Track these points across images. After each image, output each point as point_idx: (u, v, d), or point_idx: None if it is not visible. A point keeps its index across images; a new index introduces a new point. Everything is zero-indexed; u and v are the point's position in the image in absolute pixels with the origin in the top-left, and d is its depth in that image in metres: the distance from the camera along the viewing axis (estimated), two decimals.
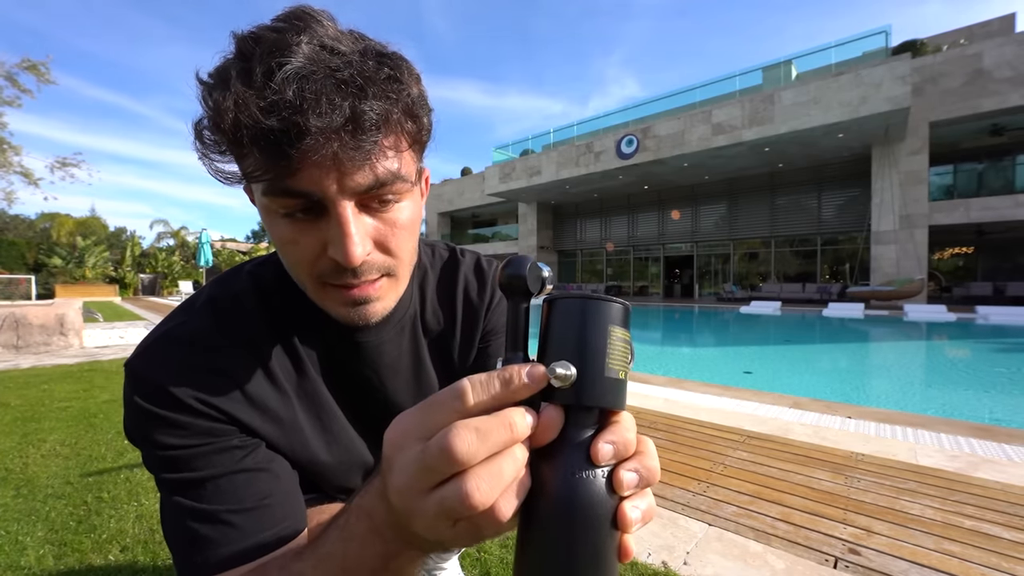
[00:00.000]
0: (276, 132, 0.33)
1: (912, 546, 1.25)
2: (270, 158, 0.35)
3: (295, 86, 0.33)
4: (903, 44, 14.97)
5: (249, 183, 0.39)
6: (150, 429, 0.43)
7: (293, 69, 0.33)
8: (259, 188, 0.38)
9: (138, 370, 0.44)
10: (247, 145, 0.34)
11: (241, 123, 0.33)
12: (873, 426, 2.32)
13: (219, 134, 0.35)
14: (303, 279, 0.43)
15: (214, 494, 0.42)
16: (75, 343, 5.05)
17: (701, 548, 1.24)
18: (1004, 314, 10.09)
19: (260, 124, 0.33)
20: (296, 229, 0.39)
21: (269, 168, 0.35)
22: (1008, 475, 1.70)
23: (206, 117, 0.35)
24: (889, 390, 4.52)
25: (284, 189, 0.36)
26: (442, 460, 0.23)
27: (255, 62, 0.34)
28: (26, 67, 11.46)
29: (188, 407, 0.43)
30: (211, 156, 0.37)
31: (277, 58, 0.34)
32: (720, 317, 12.32)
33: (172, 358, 0.44)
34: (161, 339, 0.45)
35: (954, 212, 13.22)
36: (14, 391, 2.97)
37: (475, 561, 1.17)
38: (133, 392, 0.44)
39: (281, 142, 0.34)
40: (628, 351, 0.28)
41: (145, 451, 0.45)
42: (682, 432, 2.18)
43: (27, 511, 1.42)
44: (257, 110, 0.33)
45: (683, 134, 14.65)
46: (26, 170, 12.57)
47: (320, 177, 0.36)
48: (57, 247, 22.69)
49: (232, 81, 0.34)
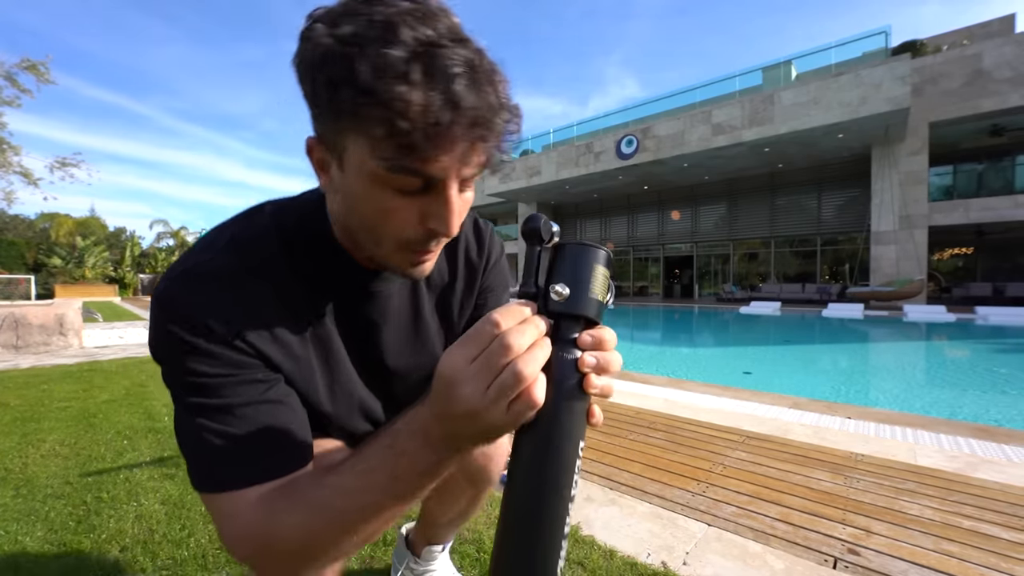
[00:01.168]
0: (443, 126, 0.36)
1: (911, 546, 1.25)
2: (428, 148, 0.37)
3: (463, 84, 0.36)
4: (903, 44, 14.99)
5: (379, 161, 0.39)
6: (182, 356, 0.46)
7: (460, 70, 0.36)
8: (379, 164, 0.39)
9: (172, 300, 0.46)
10: (412, 134, 0.36)
11: (425, 120, 0.35)
12: (873, 426, 2.33)
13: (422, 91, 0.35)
14: (382, 240, 0.46)
15: (240, 420, 0.46)
16: (74, 343, 5.05)
17: (700, 548, 1.24)
18: (1004, 315, 10.09)
19: (438, 123, 0.36)
20: (402, 203, 0.42)
21: (417, 153, 0.37)
22: (1007, 475, 1.70)
23: (394, 108, 0.35)
24: (889, 390, 4.52)
25: (415, 171, 0.39)
26: (501, 352, 0.32)
27: (424, 60, 0.36)
28: (25, 67, 11.46)
29: (221, 338, 0.46)
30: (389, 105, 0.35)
31: (444, 59, 0.36)
32: (720, 317, 12.32)
33: (204, 291, 0.47)
34: (191, 274, 0.47)
35: (954, 212, 13.23)
36: (13, 391, 2.97)
37: (474, 561, 1.17)
38: (167, 321, 0.46)
39: (441, 134, 0.36)
40: (607, 285, 0.38)
41: (171, 373, 0.47)
42: (682, 432, 2.19)
43: (26, 511, 1.42)
44: (437, 109, 0.35)
45: (683, 134, 14.65)
46: (26, 170, 12.57)
47: (450, 163, 0.39)
48: (57, 247, 22.70)
49: (411, 75, 0.35)
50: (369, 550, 1.21)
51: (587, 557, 1.18)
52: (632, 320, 11.89)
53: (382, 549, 1.22)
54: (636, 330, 10.08)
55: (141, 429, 2.20)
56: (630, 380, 3.53)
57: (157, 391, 2.97)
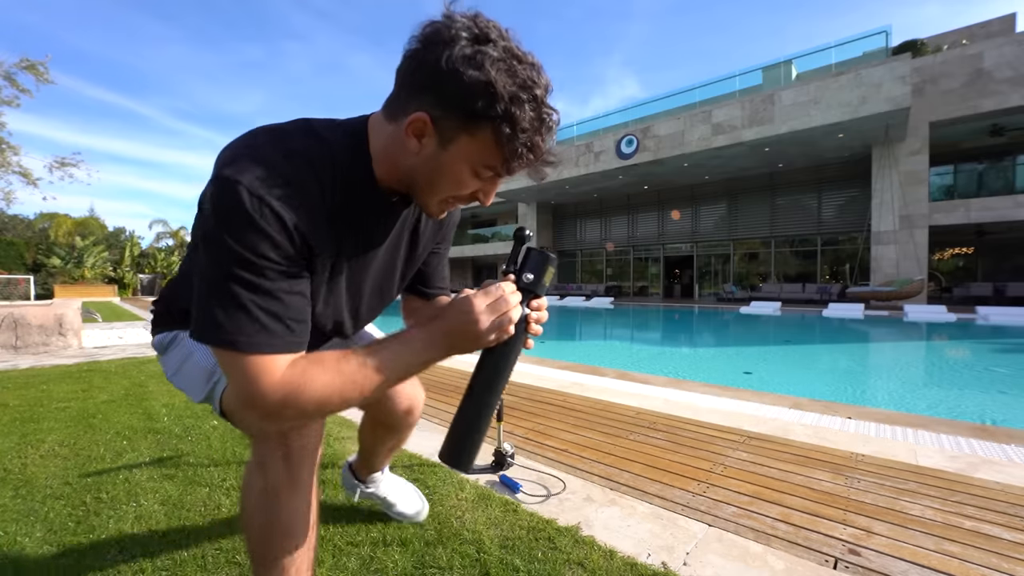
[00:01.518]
0: (534, 160, 0.61)
1: (912, 547, 1.25)
2: (518, 168, 0.61)
3: (550, 137, 0.62)
4: (903, 44, 14.99)
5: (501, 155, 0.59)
6: (250, 233, 0.54)
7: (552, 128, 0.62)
8: (485, 154, 0.60)
9: (249, 186, 0.54)
10: (540, 141, 0.60)
11: (540, 147, 0.60)
12: (873, 426, 2.32)
13: (530, 143, 0.58)
14: (437, 193, 0.65)
15: (282, 305, 0.58)
16: (74, 343, 5.04)
17: (701, 549, 1.24)
18: (1004, 314, 10.09)
19: (533, 158, 0.61)
20: (472, 181, 0.63)
21: (509, 167, 0.61)
22: (1008, 475, 1.70)
23: (517, 125, 0.56)
24: (889, 390, 4.52)
25: (499, 173, 0.63)
26: (504, 304, 0.63)
27: (540, 100, 0.58)
28: (24, 67, 11.45)
29: (287, 230, 0.57)
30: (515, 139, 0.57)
31: (550, 119, 0.60)
32: (720, 317, 12.32)
33: (276, 186, 0.56)
34: (263, 171, 0.56)
35: (954, 212, 13.23)
36: (13, 391, 2.97)
37: (474, 562, 1.16)
38: (240, 201, 0.54)
39: (530, 164, 0.62)
40: (552, 277, 0.69)
41: (227, 240, 0.54)
42: (682, 432, 2.18)
43: (25, 511, 1.41)
44: (549, 130, 0.61)
45: (683, 134, 14.65)
46: (25, 170, 12.56)
47: (499, 181, 0.66)
48: (56, 247, 22.68)
49: (532, 103, 0.57)
50: (369, 550, 1.21)
51: (587, 557, 1.18)
52: (632, 320, 11.89)
53: (382, 549, 1.22)
54: (636, 330, 10.08)
55: (141, 430, 2.20)
56: (630, 380, 3.53)
57: (157, 391, 2.96)
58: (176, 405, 2.61)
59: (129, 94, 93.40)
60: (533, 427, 2.28)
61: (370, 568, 1.15)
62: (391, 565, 1.15)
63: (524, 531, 1.30)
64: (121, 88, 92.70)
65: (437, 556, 1.19)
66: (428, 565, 1.15)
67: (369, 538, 1.27)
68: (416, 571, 1.14)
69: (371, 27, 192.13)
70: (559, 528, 1.32)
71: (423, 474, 1.69)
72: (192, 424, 2.26)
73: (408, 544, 1.24)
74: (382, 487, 1.33)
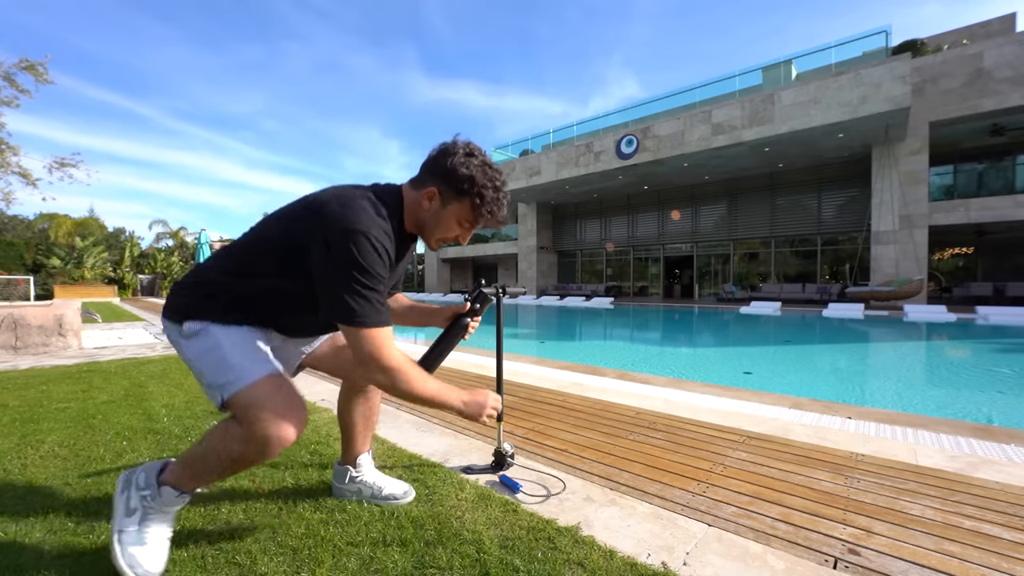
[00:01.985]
0: (495, 218, 1.16)
1: (912, 546, 1.25)
2: (485, 224, 1.18)
3: (506, 206, 1.18)
4: (903, 44, 14.99)
5: (479, 214, 1.14)
6: (375, 262, 1.00)
7: (507, 201, 1.18)
8: (464, 215, 1.15)
9: (376, 237, 1.01)
10: (496, 211, 1.15)
11: (496, 212, 1.15)
12: (873, 426, 2.32)
13: (490, 210, 1.14)
14: (437, 234, 1.17)
15: (383, 299, 1.04)
16: (74, 344, 5.04)
17: (701, 549, 1.24)
18: (1004, 314, 10.09)
19: (494, 218, 1.16)
20: (458, 229, 1.17)
21: (486, 220, 1.16)
22: (1008, 475, 1.70)
23: (484, 200, 1.12)
24: (889, 390, 4.51)
25: (473, 226, 1.17)
26: (493, 406, 1.25)
27: (499, 189, 1.14)
28: (24, 67, 11.44)
29: (389, 260, 1.05)
30: (484, 204, 1.13)
31: (504, 197, 1.16)
32: (720, 317, 12.32)
33: (383, 236, 1.03)
34: (376, 228, 1.02)
35: (954, 212, 13.23)
36: (12, 392, 2.97)
37: (474, 562, 1.16)
38: (372, 244, 0.99)
39: (493, 222, 1.17)
40: (489, 305, 1.43)
41: (361, 265, 0.98)
42: (682, 432, 2.18)
43: (25, 512, 1.41)
44: (500, 209, 1.16)
45: (683, 134, 14.65)
46: (24, 170, 12.54)
47: (471, 231, 1.20)
48: (56, 247, 22.65)
49: (493, 190, 1.13)
50: (369, 550, 1.21)
51: (587, 557, 1.18)
52: (632, 320, 11.89)
53: (382, 549, 1.22)
54: (636, 330, 10.08)
55: (140, 430, 2.20)
56: (630, 380, 3.53)
57: (157, 392, 2.96)
58: (176, 405, 2.61)
59: (129, 94, 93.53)
60: (533, 427, 2.28)
61: (370, 568, 1.15)
62: (391, 565, 1.15)
63: (524, 531, 1.30)
64: (121, 88, 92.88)
65: (437, 556, 1.18)
66: (428, 565, 1.15)
67: (369, 538, 1.27)
68: (416, 571, 1.14)
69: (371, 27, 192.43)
70: (559, 528, 1.32)
71: (423, 474, 1.69)
72: (192, 424, 2.26)
73: (408, 544, 1.24)
74: (368, 473, 1.49)
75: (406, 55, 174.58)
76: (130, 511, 1.12)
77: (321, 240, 0.98)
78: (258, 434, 1.00)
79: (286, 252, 1.06)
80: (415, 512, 1.41)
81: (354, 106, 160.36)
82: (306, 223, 1.03)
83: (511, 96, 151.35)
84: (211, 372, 1.05)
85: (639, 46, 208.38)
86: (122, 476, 1.19)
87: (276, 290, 1.11)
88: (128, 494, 1.15)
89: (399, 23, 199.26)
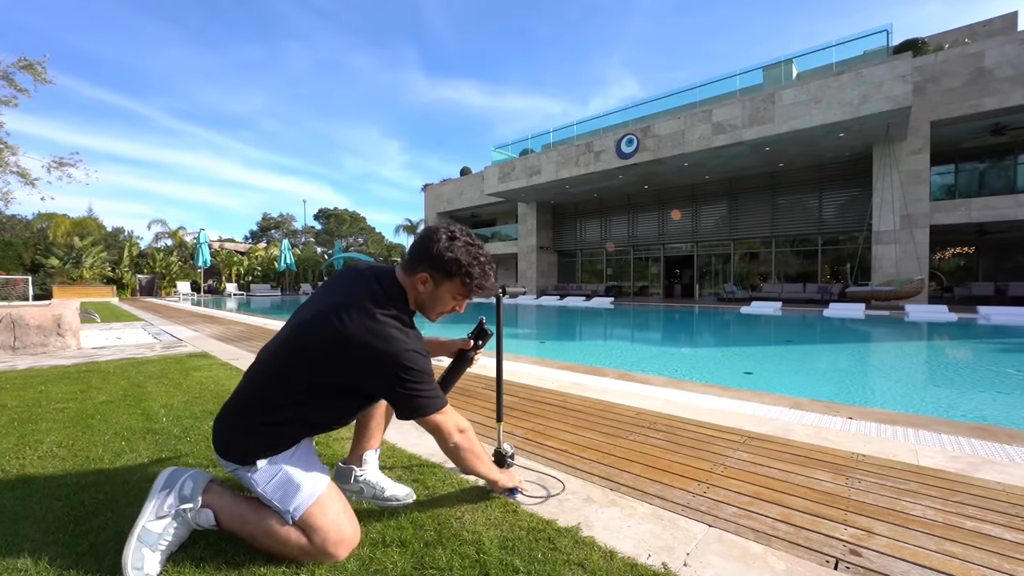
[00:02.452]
0: (483, 292, 1.31)
1: (913, 547, 1.24)
2: (474, 296, 1.33)
3: (491, 280, 1.32)
4: (904, 43, 14.95)
5: (464, 291, 1.30)
6: (423, 366, 1.20)
7: (493, 277, 1.33)
8: (456, 291, 1.30)
9: (409, 352, 1.18)
10: (486, 285, 1.30)
11: (485, 285, 1.30)
12: (874, 426, 2.31)
13: (479, 284, 1.29)
14: (436, 310, 1.33)
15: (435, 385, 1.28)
16: (72, 344, 5.04)
17: (701, 549, 1.24)
18: (1005, 314, 10.07)
19: (488, 286, 1.31)
20: (453, 302, 1.32)
21: (477, 293, 1.31)
22: (1009, 475, 1.69)
23: (472, 277, 1.27)
24: (890, 390, 4.51)
25: (466, 299, 1.33)
26: (514, 479, 1.60)
27: (484, 263, 1.29)
28: (22, 66, 11.41)
29: (425, 353, 1.24)
30: (472, 280, 1.27)
31: (489, 274, 1.31)
32: (720, 317, 12.31)
33: (418, 342, 1.23)
34: (400, 336, 1.18)
35: (955, 212, 13.20)
36: (11, 392, 2.96)
37: (474, 562, 1.16)
38: (417, 357, 1.19)
39: (480, 294, 1.33)
40: (490, 338, 1.61)
41: (410, 371, 1.18)
42: (682, 432, 2.18)
43: (24, 513, 1.41)
44: (488, 280, 1.30)
45: (683, 134, 14.63)
46: (23, 170, 12.52)
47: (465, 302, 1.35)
48: (54, 247, 22.61)
49: (479, 266, 1.28)
50: (369, 550, 1.21)
51: (587, 558, 1.17)
52: (632, 320, 11.88)
53: (381, 550, 1.21)
54: (636, 330, 10.08)
55: (139, 430, 2.19)
56: (630, 380, 3.52)
57: (155, 392, 2.96)
58: (175, 406, 2.60)
59: (129, 94, 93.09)
60: (533, 427, 2.28)
61: (369, 569, 1.14)
62: (391, 566, 1.15)
63: (524, 532, 1.30)
64: (121, 88, 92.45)
65: (436, 557, 1.18)
66: (428, 566, 1.15)
67: (369, 538, 1.27)
68: (416, 572, 1.13)
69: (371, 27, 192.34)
70: (559, 529, 1.32)
71: (423, 474, 1.69)
72: (191, 425, 2.26)
73: (408, 545, 1.24)
74: (371, 472, 1.49)
75: (406, 55, 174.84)
76: (162, 514, 1.17)
77: (379, 375, 1.17)
78: (321, 552, 1.16)
79: (330, 387, 1.22)
80: (415, 512, 1.41)
81: (354, 106, 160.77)
82: (353, 363, 1.16)
83: (511, 96, 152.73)
84: (286, 489, 1.18)
85: (639, 45, 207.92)
86: (167, 472, 1.24)
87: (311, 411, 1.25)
88: (168, 496, 1.19)
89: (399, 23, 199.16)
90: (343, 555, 1.17)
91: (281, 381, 1.21)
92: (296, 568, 1.14)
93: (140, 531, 1.13)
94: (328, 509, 1.19)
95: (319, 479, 1.23)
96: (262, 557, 1.17)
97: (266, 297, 24.55)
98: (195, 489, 1.19)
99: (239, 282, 28.28)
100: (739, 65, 19.32)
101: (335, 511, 1.20)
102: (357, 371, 1.17)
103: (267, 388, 1.23)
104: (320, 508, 1.18)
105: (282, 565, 1.15)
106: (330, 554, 1.15)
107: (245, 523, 1.18)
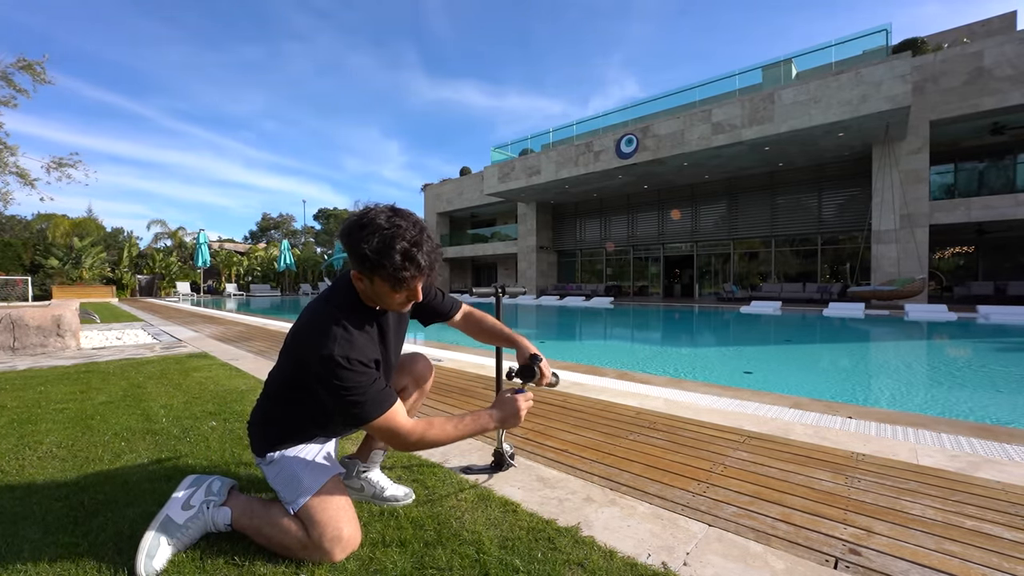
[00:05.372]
0: (423, 270, 1.12)
1: (913, 546, 1.24)
2: (408, 287, 1.13)
3: (423, 262, 1.11)
4: (903, 43, 14.95)
5: (397, 283, 1.11)
6: (360, 378, 1.10)
7: (424, 260, 1.11)
8: (391, 286, 1.12)
9: (347, 355, 1.10)
10: (411, 273, 1.10)
11: (419, 266, 1.10)
12: (874, 426, 2.32)
13: (404, 276, 1.09)
14: (386, 305, 1.21)
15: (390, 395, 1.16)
16: (72, 344, 5.04)
17: (701, 549, 1.24)
18: (1005, 313, 10.07)
19: (422, 268, 1.11)
20: (399, 295, 1.15)
21: (412, 282, 1.13)
22: (1009, 475, 1.70)
23: (394, 267, 1.07)
24: (890, 390, 4.51)
25: (404, 291, 1.15)
26: (526, 405, 1.28)
27: (404, 251, 1.08)
28: (21, 66, 11.40)
29: (371, 363, 1.15)
30: (394, 272, 1.08)
31: (425, 240, 1.11)
32: (720, 317, 12.31)
33: (356, 345, 1.14)
34: (342, 342, 1.11)
35: (955, 211, 13.20)
36: (10, 393, 2.96)
37: (474, 562, 1.16)
38: (350, 366, 1.09)
39: (412, 283, 1.13)
40: (537, 376, 1.43)
41: (353, 381, 1.09)
42: (682, 432, 2.18)
43: (23, 513, 1.41)
44: (413, 261, 1.09)
45: (683, 133, 14.63)
46: (22, 170, 12.50)
47: (415, 286, 1.15)
48: (54, 248, 22.58)
49: (400, 255, 1.07)
50: (369, 550, 1.21)
51: (587, 558, 1.17)
52: (632, 320, 11.88)
53: (381, 550, 1.21)
54: (636, 330, 10.07)
55: (139, 431, 2.19)
56: (630, 380, 3.52)
57: (155, 392, 2.96)
58: (174, 406, 2.60)
59: (129, 94, 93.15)
60: (533, 427, 2.28)
61: (369, 569, 1.14)
62: (391, 566, 1.15)
63: (524, 531, 1.30)
64: (121, 88, 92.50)
65: (436, 557, 1.18)
66: (428, 566, 1.15)
67: (368, 539, 1.27)
68: (416, 572, 1.13)
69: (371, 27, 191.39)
70: (559, 528, 1.32)
71: (422, 474, 1.69)
72: (190, 425, 2.26)
73: (407, 545, 1.24)
74: (374, 471, 1.51)
75: (406, 55, 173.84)
76: (188, 506, 1.22)
77: (312, 375, 1.11)
78: (317, 547, 1.16)
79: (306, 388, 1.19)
80: (414, 512, 1.41)
81: (354, 106, 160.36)
82: (293, 358, 1.19)
83: (511, 96, 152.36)
84: (290, 484, 1.22)
85: (639, 45, 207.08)
86: (192, 476, 1.32)
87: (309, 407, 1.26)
88: (196, 491, 1.25)
89: (399, 23, 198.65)
90: (339, 556, 1.15)
91: (280, 378, 1.27)
92: (296, 568, 1.14)
93: (164, 519, 1.18)
94: (328, 504, 1.19)
95: (323, 474, 1.24)
96: (262, 557, 1.17)
97: (266, 297, 24.53)
98: (221, 488, 1.27)
99: (239, 282, 28.24)
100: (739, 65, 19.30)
101: (335, 507, 1.19)
102: (302, 372, 1.15)
103: (271, 385, 1.30)
104: (320, 502, 1.18)
105: (282, 565, 1.15)
106: (326, 550, 1.14)
107: (253, 516, 1.22)
